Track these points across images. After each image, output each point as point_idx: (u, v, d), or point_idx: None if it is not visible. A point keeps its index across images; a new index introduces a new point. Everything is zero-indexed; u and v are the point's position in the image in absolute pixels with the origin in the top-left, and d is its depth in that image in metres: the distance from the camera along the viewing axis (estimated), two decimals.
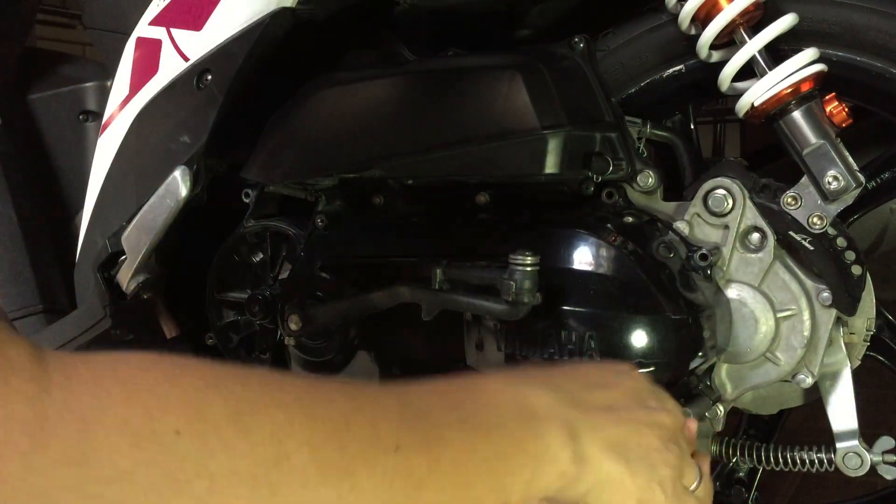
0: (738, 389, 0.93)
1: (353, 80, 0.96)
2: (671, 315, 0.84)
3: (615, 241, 0.87)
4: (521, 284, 0.85)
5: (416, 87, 0.93)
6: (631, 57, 0.93)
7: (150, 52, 1.00)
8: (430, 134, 0.92)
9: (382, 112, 0.94)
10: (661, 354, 0.84)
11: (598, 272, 0.87)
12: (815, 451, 0.96)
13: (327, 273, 1.03)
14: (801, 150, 0.85)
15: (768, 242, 0.89)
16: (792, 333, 0.90)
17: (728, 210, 0.89)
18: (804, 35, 0.85)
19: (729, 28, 0.84)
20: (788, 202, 0.87)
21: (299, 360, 1.09)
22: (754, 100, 0.84)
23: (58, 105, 1.27)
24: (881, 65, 0.85)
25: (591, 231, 0.88)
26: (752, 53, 0.84)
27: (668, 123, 0.99)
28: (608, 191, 0.94)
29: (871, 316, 0.94)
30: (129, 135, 1.03)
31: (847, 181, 0.84)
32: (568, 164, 0.87)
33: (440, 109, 0.91)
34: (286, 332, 1.02)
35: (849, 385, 0.93)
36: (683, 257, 0.89)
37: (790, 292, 0.89)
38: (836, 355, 0.93)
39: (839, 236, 0.88)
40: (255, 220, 1.13)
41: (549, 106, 0.86)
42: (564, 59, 0.92)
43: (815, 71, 0.83)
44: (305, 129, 0.99)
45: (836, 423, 0.93)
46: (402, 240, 1.02)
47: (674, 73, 0.92)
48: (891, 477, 0.93)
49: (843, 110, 0.85)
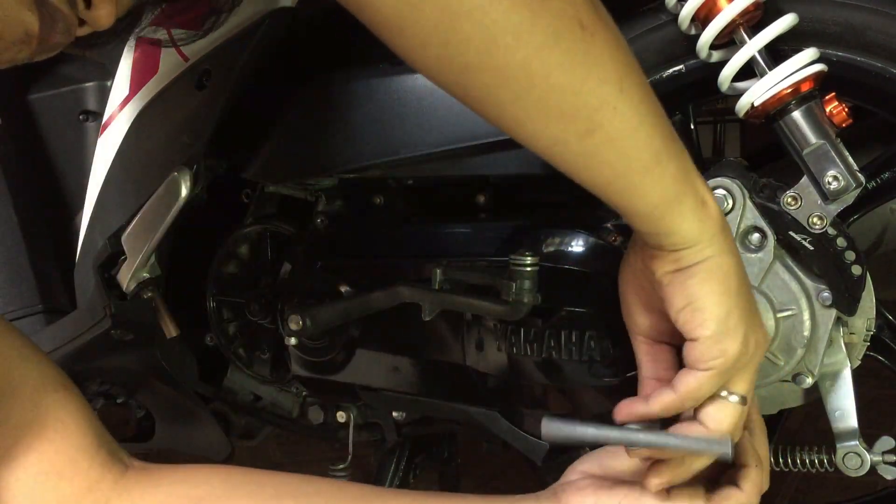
0: None
1: (352, 80, 0.96)
2: None
3: (615, 241, 0.87)
4: (521, 284, 0.85)
5: (415, 88, 0.93)
6: None
7: (150, 52, 1.00)
8: (430, 134, 0.92)
9: (382, 112, 0.94)
10: None
11: (598, 272, 0.87)
12: (815, 451, 0.96)
13: (327, 273, 1.03)
14: (801, 150, 0.85)
15: (768, 242, 0.89)
16: (792, 333, 0.90)
17: (728, 210, 0.89)
18: (804, 35, 0.85)
19: (729, 28, 0.84)
20: (788, 202, 0.87)
21: (299, 360, 1.09)
22: (754, 100, 0.84)
23: (58, 105, 1.27)
24: (881, 65, 0.85)
25: (591, 231, 0.88)
26: (752, 53, 0.84)
27: None
28: None
29: (871, 316, 0.94)
30: (129, 135, 1.03)
31: (847, 181, 0.84)
32: None
33: (440, 109, 0.91)
34: (286, 332, 1.02)
35: (849, 385, 0.93)
36: None
37: (790, 292, 0.89)
38: (836, 355, 0.93)
39: (839, 236, 0.88)
40: (255, 220, 1.13)
41: None
42: None
43: (815, 71, 0.83)
44: (305, 129, 0.99)
45: (836, 423, 0.93)
46: (402, 240, 1.02)
47: (674, 73, 0.92)
48: (891, 477, 0.93)
49: (843, 110, 0.85)
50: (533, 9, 0.56)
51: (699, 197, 0.67)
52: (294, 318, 0.99)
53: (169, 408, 1.23)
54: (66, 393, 0.72)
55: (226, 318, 1.16)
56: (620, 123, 0.62)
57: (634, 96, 0.63)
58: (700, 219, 0.67)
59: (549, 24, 0.57)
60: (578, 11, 0.59)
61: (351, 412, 1.14)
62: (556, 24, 0.58)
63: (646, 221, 0.67)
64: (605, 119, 0.61)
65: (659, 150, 0.64)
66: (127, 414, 1.30)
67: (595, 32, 0.60)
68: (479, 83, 0.59)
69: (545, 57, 0.58)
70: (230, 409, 1.22)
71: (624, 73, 0.62)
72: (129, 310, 1.06)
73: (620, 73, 0.62)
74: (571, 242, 0.88)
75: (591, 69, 0.60)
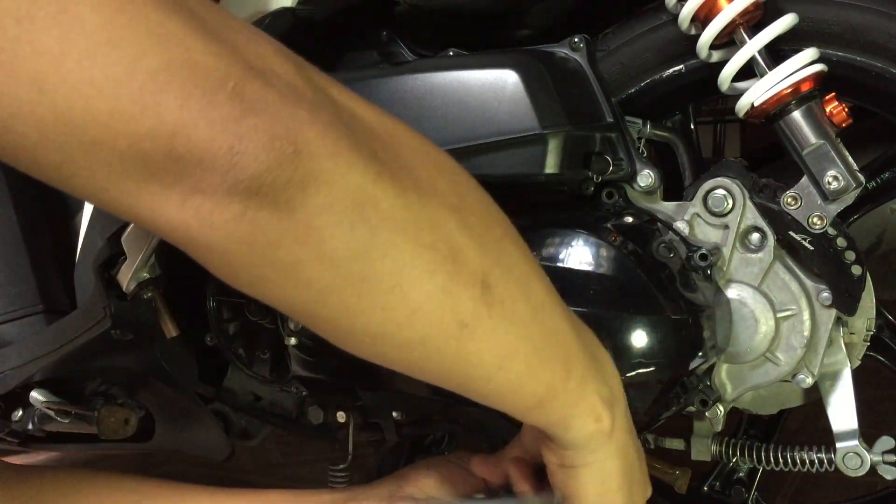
0: (738, 389, 0.93)
1: (352, 81, 0.96)
2: (671, 315, 0.84)
3: (615, 241, 0.87)
4: None
5: (415, 88, 0.93)
6: (631, 57, 0.93)
7: None
8: (430, 134, 0.91)
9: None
10: (661, 354, 0.84)
11: (597, 272, 0.87)
12: (815, 451, 0.96)
13: None
14: (801, 150, 0.85)
15: (768, 242, 0.89)
16: (792, 333, 0.90)
17: (728, 210, 0.89)
18: (804, 35, 0.85)
19: (729, 28, 0.84)
20: (788, 202, 0.87)
21: (299, 360, 1.09)
22: (754, 100, 0.84)
23: None
24: (881, 65, 0.85)
25: (591, 231, 0.88)
26: (752, 53, 0.84)
27: (668, 123, 0.99)
28: (608, 191, 0.94)
29: (871, 316, 0.94)
30: None
31: (847, 181, 0.84)
32: (568, 164, 0.87)
33: (439, 110, 0.91)
34: (286, 332, 1.02)
35: (849, 385, 0.93)
36: (683, 257, 0.89)
37: (790, 292, 0.89)
38: (836, 355, 0.93)
39: (839, 236, 0.88)
40: None
41: (548, 106, 0.86)
42: (564, 59, 0.92)
43: (815, 71, 0.83)
44: None
45: (836, 423, 0.93)
46: None
47: (674, 73, 0.92)
48: (891, 477, 0.93)
49: (843, 110, 0.85)
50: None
51: (593, 414, 0.65)
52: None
53: (169, 408, 1.23)
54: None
55: (226, 318, 1.16)
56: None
57: (524, 363, 0.58)
58: (590, 432, 0.65)
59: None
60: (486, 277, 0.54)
61: (351, 412, 1.14)
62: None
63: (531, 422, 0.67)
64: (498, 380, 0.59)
65: (549, 387, 0.61)
66: (127, 414, 1.30)
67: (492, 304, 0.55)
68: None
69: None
70: (230, 409, 1.22)
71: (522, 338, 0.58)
72: (129, 310, 1.06)
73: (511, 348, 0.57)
74: (571, 242, 0.88)
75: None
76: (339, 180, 0.46)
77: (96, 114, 0.41)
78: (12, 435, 1.21)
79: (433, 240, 0.50)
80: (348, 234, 0.47)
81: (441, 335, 0.53)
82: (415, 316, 0.51)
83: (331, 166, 0.45)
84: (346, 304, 0.49)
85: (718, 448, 1.02)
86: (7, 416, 1.18)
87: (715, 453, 1.02)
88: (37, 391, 1.13)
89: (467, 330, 0.53)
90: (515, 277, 0.57)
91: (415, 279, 0.50)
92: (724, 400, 0.94)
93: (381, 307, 0.50)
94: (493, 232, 0.57)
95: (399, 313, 0.50)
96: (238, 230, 0.45)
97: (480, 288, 0.53)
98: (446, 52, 0.96)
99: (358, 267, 0.48)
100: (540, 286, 0.60)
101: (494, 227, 0.57)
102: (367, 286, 0.49)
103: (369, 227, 0.47)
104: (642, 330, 0.84)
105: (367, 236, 0.47)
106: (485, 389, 0.59)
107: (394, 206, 0.48)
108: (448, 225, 0.52)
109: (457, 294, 0.52)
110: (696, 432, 1.02)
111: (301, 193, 0.45)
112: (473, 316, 0.53)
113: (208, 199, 0.44)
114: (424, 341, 0.53)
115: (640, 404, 0.86)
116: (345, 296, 0.49)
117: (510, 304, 0.56)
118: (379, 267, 0.48)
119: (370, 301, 0.49)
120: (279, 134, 0.43)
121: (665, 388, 0.87)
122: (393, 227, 0.48)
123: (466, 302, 0.52)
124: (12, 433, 1.20)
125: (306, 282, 0.48)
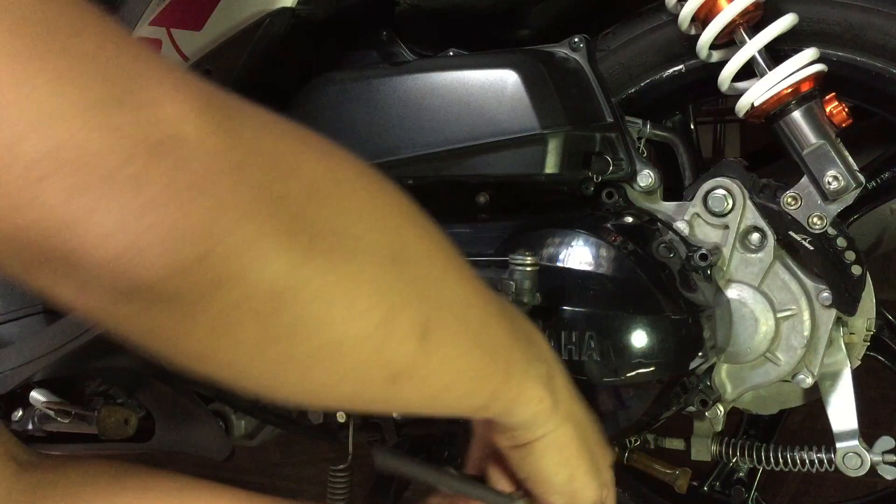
0: (738, 389, 0.93)
1: (352, 81, 0.96)
2: (671, 315, 0.84)
3: (615, 241, 0.87)
4: (520, 284, 0.84)
5: (415, 88, 0.93)
6: (631, 57, 0.93)
7: None
8: (430, 134, 0.92)
9: (382, 112, 0.94)
10: (661, 354, 0.84)
11: (598, 272, 0.87)
12: (815, 451, 0.96)
13: None
14: (801, 150, 0.85)
15: (768, 242, 0.89)
16: (792, 333, 0.90)
17: (728, 210, 0.89)
18: (804, 35, 0.85)
19: (729, 28, 0.84)
20: (788, 202, 0.87)
21: None
22: (754, 100, 0.84)
23: None
24: (881, 65, 0.85)
25: (591, 231, 0.88)
26: (752, 53, 0.84)
27: (668, 123, 1.00)
28: (608, 191, 0.94)
29: (871, 316, 0.94)
30: None
31: (847, 181, 0.84)
32: (568, 164, 0.88)
33: (440, 110, 0.91)
34: None
35: (849, 385, 0.93)
36: (683, 257, 0.89)
37: (790, 292, 0.89)
38: (836, 355, 0.93)
39: (839, 236, 0.88)
40: None
41: (548, 106, 0.86)
42: (564, 59, 0.92)
43: (815, 71, 0.83)
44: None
45: (836, 423, 0.93)
46: None
47: (674, 73, 0.92)
48: (891, 477, 0.93)
49: (843, 110, 0.85)
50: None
51: (535, 397, 0.62)
52: None
53: (169, 408, 1.23)
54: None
55: None
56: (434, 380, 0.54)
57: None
58: (533, 412, 0.63)
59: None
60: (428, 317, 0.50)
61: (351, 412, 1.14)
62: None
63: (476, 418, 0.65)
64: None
65: (491, 393, 0.59)
66: (127, 414, 1.30)
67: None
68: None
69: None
70: (230, 409, 1.22)
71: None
72: None
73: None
74: (571, 242, 0.88)
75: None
76: (256, 275, 0.40)
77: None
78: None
79: (367, 306, 0.46)
80: (268, 321, 0.42)
81: (374, 389, 0.50)
82: (344, 379, 0.48)
83: (247, 262, 0.40)
84: (269, 378, 0.46)
85: (718, 448, 1.02)
86: (7, 416, 1.18)
87: (715, 453, 1.02)
88: (37, 391, 1.13)
89: (402, 378, 0.50)
90: (455, 312, 0.53)
91: (347, 348, 0.46)
92: (724, 400, 0.94)
93: (308, 380, 0.47)
94: (433, 271, 0.52)
95: (329, 378, 0.47)
96: (137, 326, 0.42)
97: (418, 340, 0.49)
98: (446, 52, 0.96)
99: (281, 347, 0.44)
100: (478, 307, 0.56)
101: (435, 265, 0.53)
102: (291, 364, 0.45)
103: (293, 313, 0.43)
104: (642, 330, 0.84)
105: (291, 321, 0.43)
106: (424, 412, 0.56)
107: (324, 284, 0.44)
108: (384, 284, 0.47)
109: (392, 350, 0.48)
110: (696, 432, 1.02)
111: (209, 296, 0.40)
112: (411, 366, 0.50)
113: (102, 298, 0.39)
114: (356, 395, 0.50)
115: (640, 404, 0.86)
116: (266, 373, 0.46)
117: (450, 343, 0.52)
118: (306, 344, 0.45)
119: (296, 375, 0.46)
120: (185, 234, 0.37)
121: (665, 388, 0.87)
122: (322, 304, 0.44)
123: (403, 356, 0.49)
124: (12, 433, 1.20)
125: (224, 364, 0.44)
